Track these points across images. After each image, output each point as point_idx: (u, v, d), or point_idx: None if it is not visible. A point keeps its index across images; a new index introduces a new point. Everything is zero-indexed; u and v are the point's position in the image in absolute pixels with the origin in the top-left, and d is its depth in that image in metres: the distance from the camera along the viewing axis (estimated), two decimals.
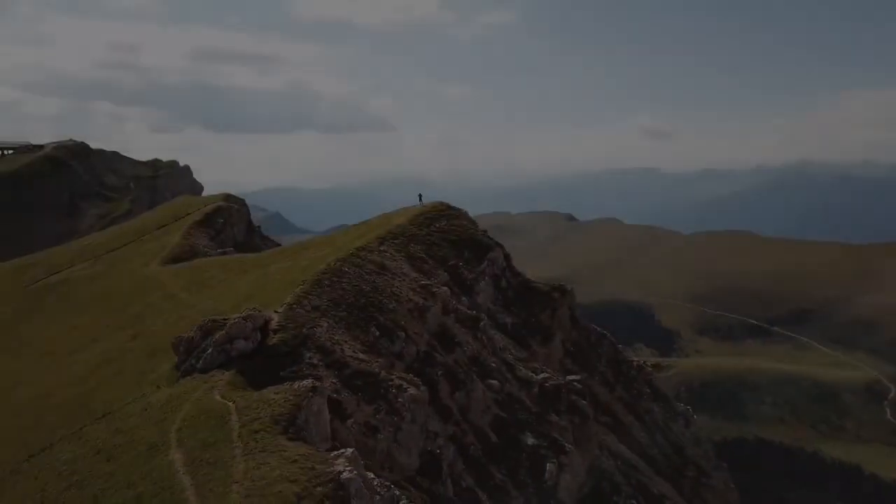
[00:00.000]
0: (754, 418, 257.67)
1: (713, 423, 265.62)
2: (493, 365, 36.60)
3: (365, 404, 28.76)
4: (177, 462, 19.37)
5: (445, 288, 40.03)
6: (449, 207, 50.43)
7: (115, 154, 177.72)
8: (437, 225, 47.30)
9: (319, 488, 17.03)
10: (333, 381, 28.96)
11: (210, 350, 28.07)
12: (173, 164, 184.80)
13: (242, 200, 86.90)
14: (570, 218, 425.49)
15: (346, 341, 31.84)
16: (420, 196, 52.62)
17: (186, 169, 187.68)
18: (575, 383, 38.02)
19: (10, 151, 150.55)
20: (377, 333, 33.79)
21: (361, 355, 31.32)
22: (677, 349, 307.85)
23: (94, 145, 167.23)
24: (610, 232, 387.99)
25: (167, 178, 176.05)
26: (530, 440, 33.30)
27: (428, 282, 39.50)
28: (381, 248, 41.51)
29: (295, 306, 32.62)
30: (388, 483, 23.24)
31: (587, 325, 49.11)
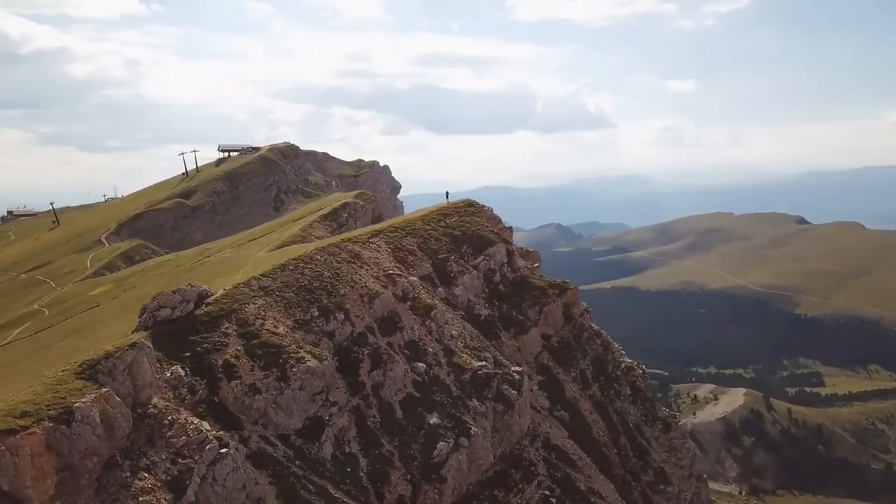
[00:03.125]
0: None
1: None
2: (430, 350, 39.52)
3: (258, 370, 33.72)
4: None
5: (415, 278, 43.55)
6: (470, 205, 53.23)
7: (324, 154, 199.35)
8: (447, 221, 50.52)
9: (51, 411, 22.56)
10: (238, 348, 34.42)
11: (144, 315, 34.98)
12: (373, 164, 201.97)
13: (374, 198, 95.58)
14: (801, 220, 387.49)
15: (274, 317, 37.02)
16: (447, 194, 56.03)
17: (386, 168, 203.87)
18: (514, 374, 39.50)
19: (235, 153, 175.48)
20: (315, 313, 38.52)
21: (281, 330, 36.29)
22: None
23: (331, 147, 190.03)
24: (847, 237, 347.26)
25: (366, 177, 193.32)
26: (433, 419, 35.94)
27: (396, 272, 43.31)
28: (370, 240, 45.99)
29: (241, 285, 38.58)
30: (208, 428, 28.26)
31: (583, 322, 49.16)
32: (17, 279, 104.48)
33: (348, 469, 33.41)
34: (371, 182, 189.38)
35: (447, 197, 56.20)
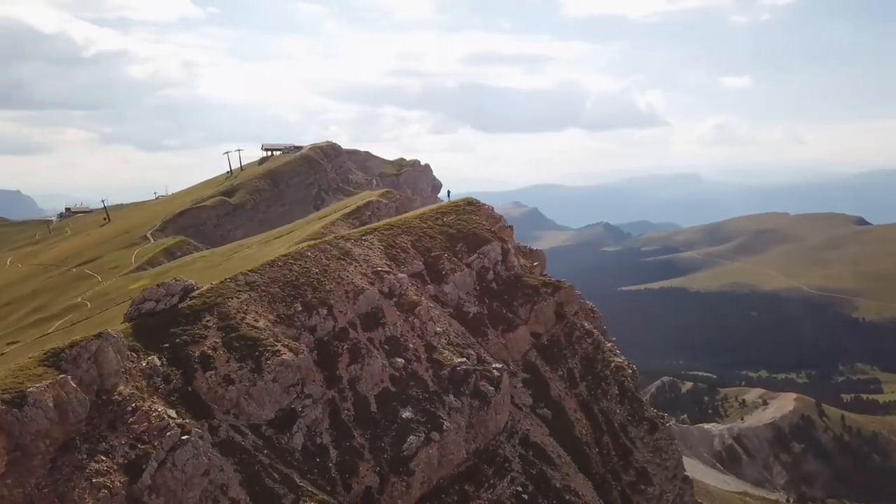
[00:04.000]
0: None
1: None
2: (411, 346, 40.19)
3: (234, 361, 34.94)
4: None
5: (403, 275, 44.27)
6: (469, 203, 53.63)
7: (366, 154, 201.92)
8: (445, 219, 51.05)
9: (5, 395, 24.07)
10: (216, 340, 35.72)
11: (130, 308, 36.67)
12: (414, 163, 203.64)
13: (399, 196, 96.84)
14: (860, 221, 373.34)
15: (256, 311, 38.23)
16: (448, 192, 56.54)
17: (427, 167, 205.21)
18: (493, 370, 39.83)
19: (278, 152, 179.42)
20: (299, 308, 39.61)
21: (262, 324, 37.46)
22: None
23: (381, 146, 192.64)
24: None
25: (407, 176, 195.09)
26: (406, 413, 36.62)
27: (385, 269, 44.12)
28: (363, 238, 46.94)
29: (228, 280, 39.93)
30: (173, 415, 29.59)
31: (575, 322, 48.99)
32: (67, 273, 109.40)
33: (317, 459, 34.32)
34: (412, 181, 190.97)
35: (448, 196, 56.79)
